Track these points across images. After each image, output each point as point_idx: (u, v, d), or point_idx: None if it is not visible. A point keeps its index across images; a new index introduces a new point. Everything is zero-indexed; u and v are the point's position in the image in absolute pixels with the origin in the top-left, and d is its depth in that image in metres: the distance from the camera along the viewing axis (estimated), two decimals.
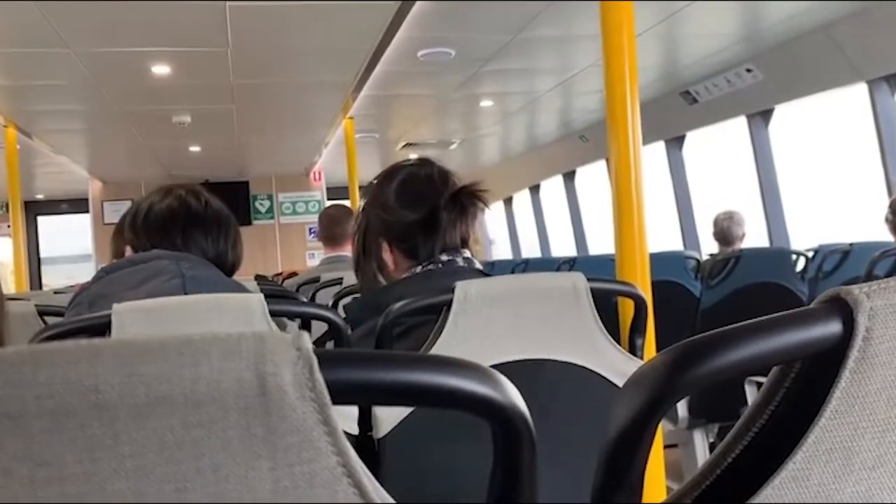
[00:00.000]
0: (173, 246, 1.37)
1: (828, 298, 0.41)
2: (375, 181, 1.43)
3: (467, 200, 1.36)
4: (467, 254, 1.38)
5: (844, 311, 0.40)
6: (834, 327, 0.40)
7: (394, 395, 0.37)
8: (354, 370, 0.35)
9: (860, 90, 4.41)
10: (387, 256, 1.38)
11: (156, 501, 0.33)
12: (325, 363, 0.34)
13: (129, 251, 1.40)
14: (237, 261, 1.49)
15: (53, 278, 10.05)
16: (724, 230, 4.15)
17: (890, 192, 4.22)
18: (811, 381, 0.42)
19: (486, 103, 6.29)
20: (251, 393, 0.33)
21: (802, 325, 0.40)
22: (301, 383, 0.33)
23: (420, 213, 1.34)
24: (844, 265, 3.25)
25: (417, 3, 3.61)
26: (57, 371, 0.31)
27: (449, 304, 1.09)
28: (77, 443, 0.32)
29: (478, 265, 1.38)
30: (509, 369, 1.10)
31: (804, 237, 4.98)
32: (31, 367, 0.31)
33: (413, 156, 8.55)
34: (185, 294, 1.21)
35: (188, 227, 1.41)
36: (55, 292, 3.42)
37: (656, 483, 1.81)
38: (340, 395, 0.34)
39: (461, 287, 1.09)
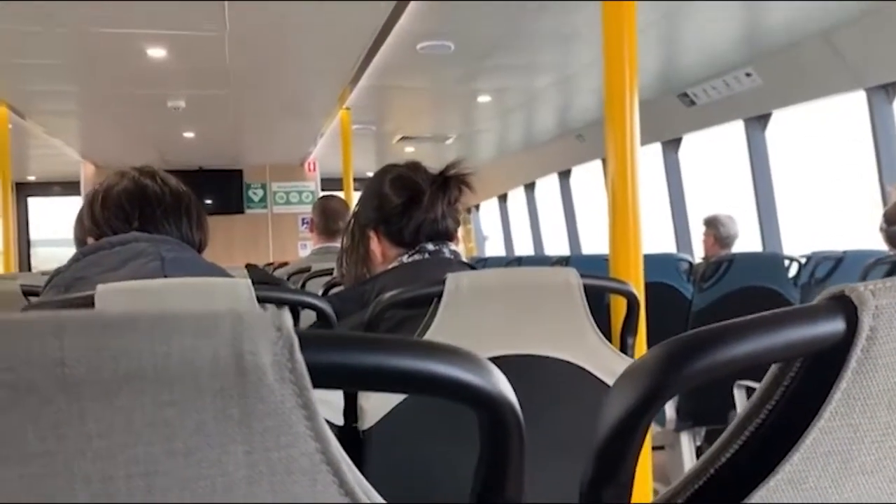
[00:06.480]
0: (132, 230, 1.30)
1: (832, 296, 0.39)
2: (371, 178, 1.48)
3: (450, 179, 1.40)
4: (454, 247, 1.39)
5: (848, 309, 0.38)
6: (837, 325, 0.38)
7: (377, 380, 0.35)
8: (337, 352, 0.33)
9: (859, 97, 4.40)
10: (375, 247, 1.41)
11: (124, 484, 0.31)
12: (307, 344, 0.32)
13: (90, 241, 1.33)
14: (204, 241, 1.41)
15: (43, 261, 9.97)
16: (731, 233, 4.15)
17: (885, 201, 4.22)
18: (811, 380, 0.40)
19: (483, 98, 6.26)
20: (227, 372, 0.31)
21: (805, 321, 0.38)
22: (280, 364, 0.31)
23: (405, 195, 1.40)
24: (837, 272, 3.25)
25: None
26: (18, 343, 0.29)
27: (439, 295, 1.07)
28: (40, 420, 0.30)
29: (464, 259, 1.39)
30: (498, 364, 1.08)
31: (797, 243, 4.98)
32: None
33: (409, 149, 8.47)
34: (165, 277, 1.18)
35: (146, 209, 1.33)
36: (43, 273, 3.39)
37: (644, 484, 1.80)
38: (321, 378, 0.32)
39: (452, 279, 1.07)
